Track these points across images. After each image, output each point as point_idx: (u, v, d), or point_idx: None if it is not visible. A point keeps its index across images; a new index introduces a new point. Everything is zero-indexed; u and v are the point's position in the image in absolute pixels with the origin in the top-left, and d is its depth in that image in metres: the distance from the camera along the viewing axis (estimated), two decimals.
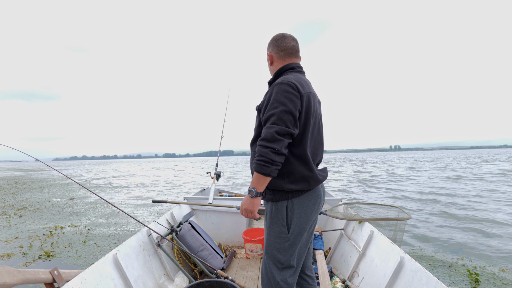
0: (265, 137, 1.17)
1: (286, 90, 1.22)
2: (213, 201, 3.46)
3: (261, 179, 1.20)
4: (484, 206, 7.28)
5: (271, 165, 1.16)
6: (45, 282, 1.65)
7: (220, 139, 4.36)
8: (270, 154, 1.15)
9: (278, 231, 1.30)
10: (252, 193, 1.22)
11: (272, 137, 1.16)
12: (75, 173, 31.01)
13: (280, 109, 1.19)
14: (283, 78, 1.28)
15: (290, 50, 1.43)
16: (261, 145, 1.18)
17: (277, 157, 1.16)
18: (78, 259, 4.16)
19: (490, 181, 12.48)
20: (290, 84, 1.23)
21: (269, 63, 1.48)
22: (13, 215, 7.42)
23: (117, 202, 9.57)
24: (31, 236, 5.41)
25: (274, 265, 1.31)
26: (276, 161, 1.17)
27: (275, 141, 1.15)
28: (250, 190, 1.23)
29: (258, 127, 1.35)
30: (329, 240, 3.05)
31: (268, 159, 1.15)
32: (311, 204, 1.31)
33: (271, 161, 1.16)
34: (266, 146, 1.16)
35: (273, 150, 1.15)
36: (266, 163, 1.16)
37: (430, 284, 1.50)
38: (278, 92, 1.22)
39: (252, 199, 1.24)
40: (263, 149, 1.16)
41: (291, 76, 1.30)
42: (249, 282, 2.43)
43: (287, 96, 1.21)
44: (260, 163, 1.17)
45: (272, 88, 1.27)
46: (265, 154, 1.16)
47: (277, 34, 1.47)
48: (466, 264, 3.68)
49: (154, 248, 2.41)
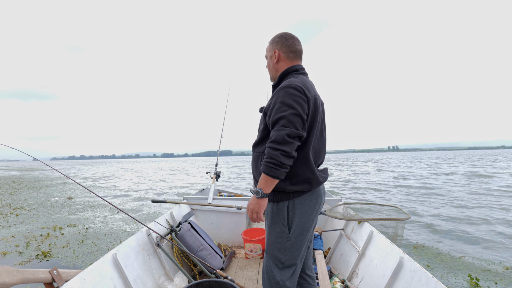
0: (276, 139, 1.16)
1: (293, 94, 1.22)
2: (213, 201, 3.46)
3: (269, 181, 1.19)
4: (483, 204, 7.35)
5: (281, 168, 1.16)
6: (44, 282, 1.64)
7: (220, 139, 4.35)
8: (280, 157, 1.14)
9: (279, 231, 1.31)
10: (259, 194, 1.22)
11: (283, 140, 1.15)
12: (73, 172, 30.87)
13: (289, 112, 1.19)
14: (289, 82, 1.27)
15: (298, 52, 1.43)
16: (271, 147, 1.17)
17: (287, 160, 1.16)
18: (76, 259, 4.14)
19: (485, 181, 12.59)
20: (297, 88, 1.23)
21: (274, 60, 1.44)
22: (9, 214, 7.38)
23: (116, 202, 9.53)
24: (28, 235, 5.38)
25: (274, 264, 1.32)
26: (286, 164, 1.16)
27: (285, 143, 1.15)
28: (257, 191, 1.22)
29: (264, 130, 1.34)
30: (329, 240, 3.05)
31: (278, 162, 1.15)
32: (312, 204, 1.32)
33: (280, 163, 1.15)
34: (276, 148, 1.15)
35: (284, 153, 1.15)
36: (276, 165, 1.15)
37: (429, 284, 1.50)
38: (286, 95, 1.22)
39: (259, 200, 1.24)
40: (273, 152, 1.15)
41: (297, 79, 1.29)
42: (249, 282, 2.43)
43: (295, 99, 1.21)
44: (269, 165, 1.16)
45: (279, 91, 1.27)
46: (275, 157, 1.15)
47: (286, 33, 1.44)
48: (466, 264, 3.70)
49: (153, 248, 2.40)
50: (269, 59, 1.48)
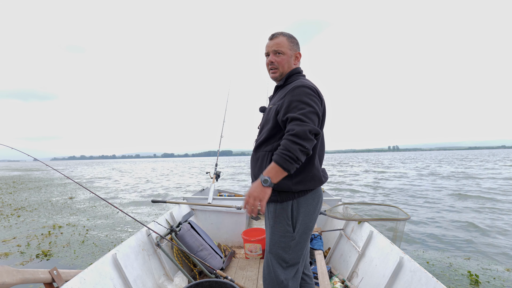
0: (298, 133, 1.13)
1: (309, 93, 1.24)
2: (213, 201, 3.46)
3: (279, 172, 1.15)
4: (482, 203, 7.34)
5: (295, 163, 1.14)
6: (44, 282, 1.64)
7: (220, 139, 4.36)
8: (298, 152, 1.12)
9: (283, 230, 1.30)
10: (267, 182, 1.15)
11: (305, 135, 1.13)
12: (74, 173, 30.90)
13: (308, 109, 1.20)
14: (302, 82, 1.29)
15: None
16: (290, 140, 1.14)
17: (302, 156, 1.14)
18: (76, 259, 4.14)
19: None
20: (312, 88, 1.26)
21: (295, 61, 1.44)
22: (11, 215, 7.39)
23: (116, 202, 9.54)
24: (29, 235, 5.39)
25: (278, 264, 1.31)
26: (300, 159, 1.14)
27: (306, 139, 1.13)
28: (265, 179, 1.15)
29: (273, 129, 1.32)
30: (329, 240, 3.05)
31: (294, 156, 1.12)
32: (314, 203, 1.33)
33: (296, 158, 1.13)
34: (296, 142, 1.13)
35: (302, 148, 1.13)
36: (291, 159, 1.13)
37: (429, 284, 1.50)
38: (302, 94, 1.23)
39: (265, 188, 1.16)
40: (292, 145, 1.13)
41: (309, 81, 1.33)
42: (248, 282, 2.43)
43: (311, 98, 1.23)
44: (285, 157, 1.13)
45: (293, 90, 1.27)
46: (293, 151, 1.12)
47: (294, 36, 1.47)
48: (467, 263, 3.70)
49: (153, 248, 2.40)
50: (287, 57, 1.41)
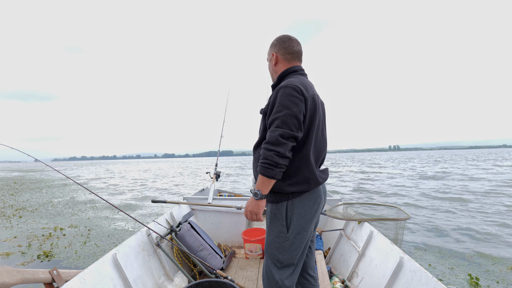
0: (269, 140, 1.19)
1: (290, 94, 1.22)
2: (213, 201, 3.46)
3: (266, 182, 1.21)
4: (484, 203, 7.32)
5: (275, 168, 1.18)
6: (44, 282, 1.65)
7: (220, 139, 4.36)
8: (275, 157, 1.16)
9: (278, 231, 1.31)
10: (257, 195, 1.24)
11: (276, 140, 1.17)
12: (75, 173, 30.95)
13: (284, 112, 1.20)
14: (287, 82, 1.28)
15: (296, 54, 1.44)
16: (265, 148, 1.19)
17: (281, 160, 1.17)
18: (78, 259, 4.15)
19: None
20: (295, 88, 1.24)
21: (273, 63, 1.47)
22: (12, 215, 7.41)
23: (116, 202, 9.55)
24: (30, 236, 5.40)
25: (273, 264, 1.33)
26: (281, 164, 1.18)
27: (279, 144, 1.16)
28: (255, 193, 1.24)
29: (263, 131, 1.35)
30: (329, 240, 3.05)
31: (273, 162, 1.17)
32: (311, 204, 1.32)
33: (275, 164, 1.17)
34: (270, 149, 1.17)
35: (277, 153, 1.16)
36: (271, 165, 1.17)
37: (429, 284, 1.50)
38: (283, 95, 1.23)
39: (257, 201, 1.26)
40: (267, 152, 1.18)
41: (295, 80, 1.30)
42: (249, 282, 2.43)
43: (291, 99, 1.21)
44: (264, 165, 1.18)
45: (277, 91, 1.27)
46: (270, 157, 1.17)
47: (284, 35, 1.46)
48: (467, 266, 3.68)
49: (153, 248, 2.41)
50: (269, 62, 1.52)
